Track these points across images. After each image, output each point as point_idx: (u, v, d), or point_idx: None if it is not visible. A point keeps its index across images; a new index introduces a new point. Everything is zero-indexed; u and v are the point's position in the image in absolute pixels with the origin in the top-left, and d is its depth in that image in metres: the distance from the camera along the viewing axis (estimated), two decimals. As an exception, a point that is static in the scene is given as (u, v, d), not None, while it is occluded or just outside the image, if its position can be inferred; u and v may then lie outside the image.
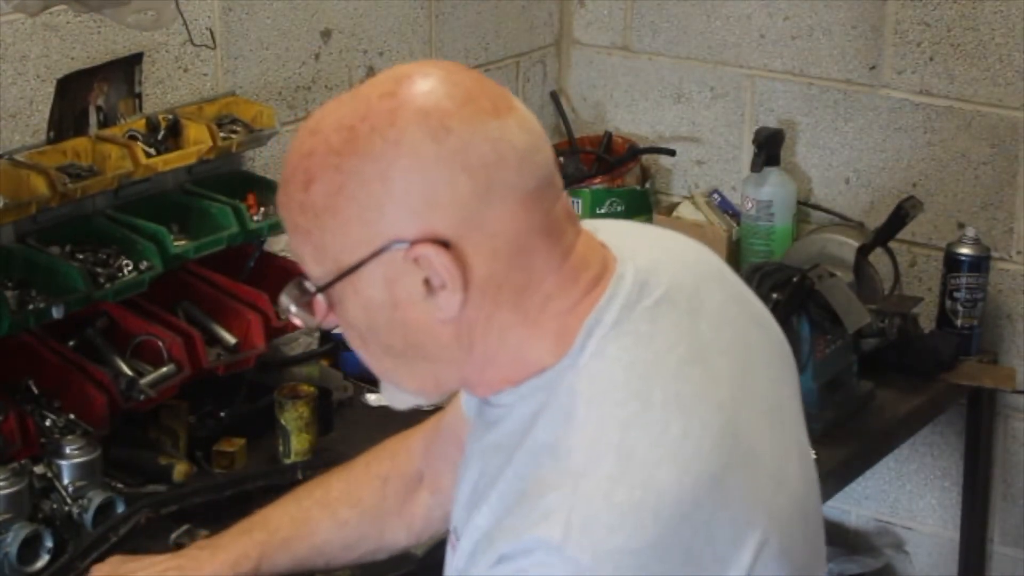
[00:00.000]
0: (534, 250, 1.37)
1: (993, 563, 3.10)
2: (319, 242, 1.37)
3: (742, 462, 1.38)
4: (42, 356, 2.33)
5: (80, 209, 2.44)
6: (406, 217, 1.33)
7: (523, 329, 1.38)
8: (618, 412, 1.34)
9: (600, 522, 1.29)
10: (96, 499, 2.14)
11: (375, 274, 1.36)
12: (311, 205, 1.36)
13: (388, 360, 1.43)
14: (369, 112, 1.34)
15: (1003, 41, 2.89)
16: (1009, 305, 2.99)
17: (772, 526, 1.38)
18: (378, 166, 1.33)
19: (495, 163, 1.34)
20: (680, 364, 1.39)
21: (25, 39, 2.38)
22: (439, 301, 1.36)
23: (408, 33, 2.99)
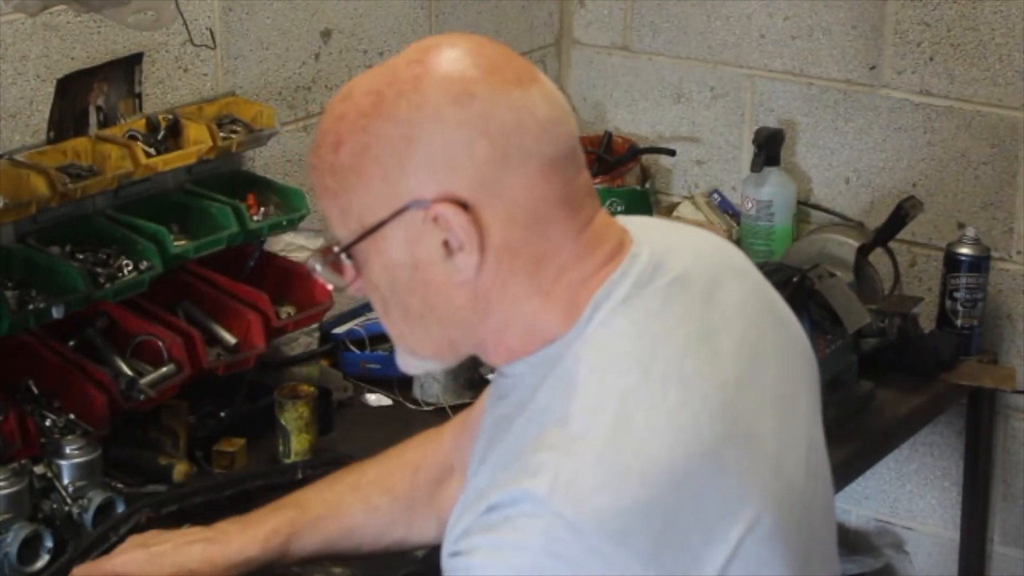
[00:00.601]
0: (551, 220, 1.41)
1: (993, 563, 3.10)
2: (346, 203, 1.42)
3: (741, 441, 1.39)
4: (42, 356, 2.33)
5: (80, 209, 2.44)
6: (427, 178, 1.37)
7: (536, 299, 1.41)
8: (619, 380, 1.37)
9: (586, 480, 1.31)
10: (96, 499, 2.14)
11: (397, 234, 1.40)
12: (339, 166, 1.41)
13: (407, 324, 1.46)
14: (396, 78, 1.39)
15: (1003, 41, 2.89)
16: (1009, 305, 2.99)
17: (767, 507, 1.39)
18: (402, 128, 1.37)
19: (515, 130, 1.38)
20: (686, 340, 1.41)
21: (25, 39, 2.38)
22: (457, 263, 1.39)
23: (408, 33, 2.99)
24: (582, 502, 1.30)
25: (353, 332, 2.76)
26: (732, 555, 1.36)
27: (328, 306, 2.63)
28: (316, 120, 2.85)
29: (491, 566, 1.32)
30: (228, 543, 1.85)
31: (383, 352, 2.73)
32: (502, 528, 1.32)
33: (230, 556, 1.84)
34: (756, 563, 1.38)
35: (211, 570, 1.83)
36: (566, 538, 1.30)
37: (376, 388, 2.69)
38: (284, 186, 2.65)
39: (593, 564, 1.30)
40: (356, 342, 2.74)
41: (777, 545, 1.40)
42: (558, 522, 1.30)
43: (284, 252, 2.69)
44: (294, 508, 1.88)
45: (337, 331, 2.77)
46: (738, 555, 1.36)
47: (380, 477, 1.89)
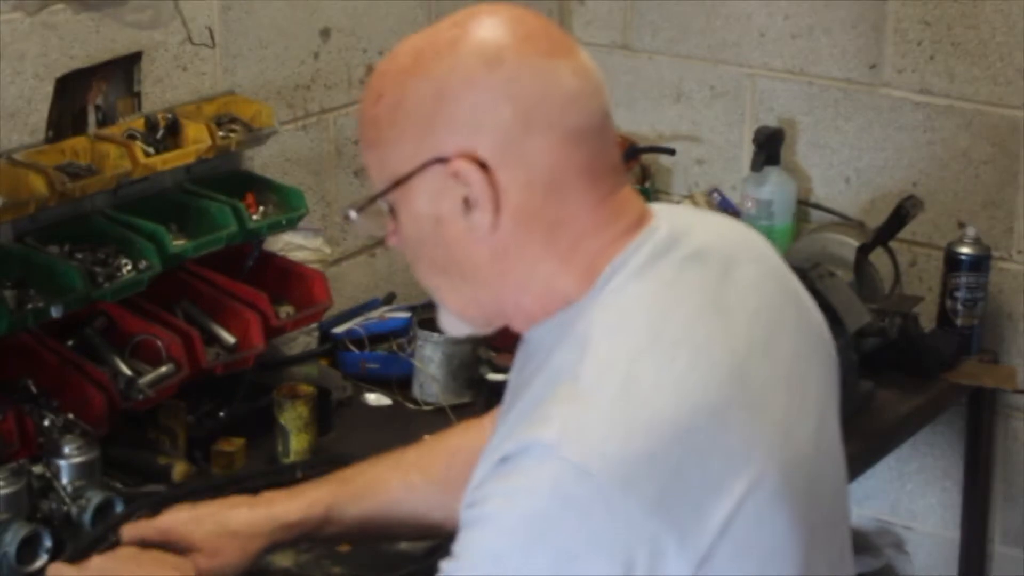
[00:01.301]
0: (570, 188, 1.46)
1: (994, 563, 3.10)
2: (382, 154, 1.50)
3: (747, 406, 1.43)
4: (40, 356, 2.33)
5: (79, 208, 2.44)
6: (451, 136, 1.44)
7: (553, 263, 1.47)
8: (630, 341, 1.41)
9: (595, 430, 1.36)
10: (95, 499, 2.14)
11: (422, 187, 1.47)
12: (378, 118, 1.49)
13: (435, 277, 1.53)
14: (437, 39, 1.48)
15: (1004, 40, 2.88)
16: (1010, 304, 2.99)
17: (771, 469, 1.42)
18: (434, 85, 1.45)
19: (539, 98, 1.43)
20: (699, 309, 1.46)
21: (24, 38, 2.38)
22: (474, 220, 1.45)
23: (407, 32, 2.95)
24: (590, 449, 1.35)
25: (352, 332, 2.76)
26: (736, 510, 1.39)
27: (327, 306, 2.63)
28: (315, 119, 2.86)
29: (503, 512, 1.37)
30: (271, 507, 1.92)
31: (382, 352, 2.73)
32: (512, 475, 1.37)
33: (272, 519, 1.92)
34: (759, 521, 1.41)
35: (251, 531, 1.91)
36: (574, 483, 1.34)
37: (375, 388, 2.68)
38: (283, 185, 2.65)
39: (599, 509, 1.34)
40: (355, 342, 2.74)
41: (782, 507, 1.43)
42: (566, 467, 1.34)
43: (283, 251, 2.69)
44: (336, 482, 1.96)
45: (336, 331, 2.77)
46: (742, 511, 1.39)
47: (420, 459, 1.95)
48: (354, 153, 2.95)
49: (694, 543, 1.37)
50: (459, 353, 2.64)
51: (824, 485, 1.53)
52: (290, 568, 2.12)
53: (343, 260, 2.95)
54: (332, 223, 2.92)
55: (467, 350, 2.65)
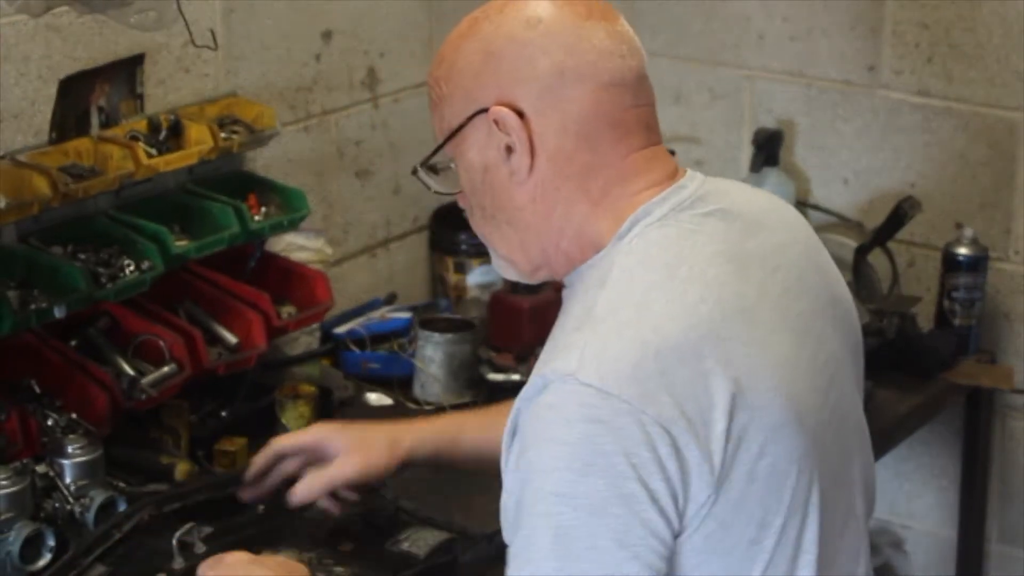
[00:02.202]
0: (600, 137, 1.59)
1: (991, 562, 3.11)
2: (442, 111, 1.65)
3: (751, 342, 1.52)
4: (44, 356, 2.34)
5: (82, 209, 2.44)
6: (494, 88, 1.60)
7: (586, 206, 1.60)
8: (645, 276, 1.53)
9: (609, 352, 1.47)
10: (98, 498, 2.15)
11: (472, 138, 1.62)
12: (438, 79, 1.65)
13: (485, 224, 1.67)
14: (489, 7, 1.64)
15: (1001, 42, 2.89)
16: (1007, 305, 3.00)
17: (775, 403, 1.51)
18: (480, 44, 1.61)
19: (573, 52, 1.58)
20: (714, 255, 1.56)
21: (28, 40, 2.39)
22: (513, 164, 1.60)
23: (408, 34, 3.00)
24: (605, 369, 1.46)
25: (354, 332, 2.77)
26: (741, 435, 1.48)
27: (328, 306, 2.64)
28: (317, 121, 2.87)
29: (546, 452, 1.46)
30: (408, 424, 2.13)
31: (384, 352, 2.74)
32: (545, 414, 1.47)
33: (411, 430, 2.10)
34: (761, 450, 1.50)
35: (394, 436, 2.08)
36: (598, 403, 1.45)
37: (377, 388, 2.69)
38: (285, 186, 2.66)
39: (627, 420, 1.44)
40: (357, 342, 2.75)
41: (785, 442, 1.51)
42: (587, 391, 1.45)
43: (285, 252, 2.70)
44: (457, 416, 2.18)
45: (338, 331, 2.78)
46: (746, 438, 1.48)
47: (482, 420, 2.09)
48: (355, 154, 2.96)
49: (711, 459, 1.46)
50: (460, 353, 2.65)
51: (832, 442, 1.58)
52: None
53: (344, 261, 2.96)
54: (333, 224, 2.93)
55: (468, 350, 2.65)
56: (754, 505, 1.49)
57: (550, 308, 2.69)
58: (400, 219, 3.07)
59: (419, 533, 2.19)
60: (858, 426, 1.67)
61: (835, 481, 1.58)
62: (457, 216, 2.89)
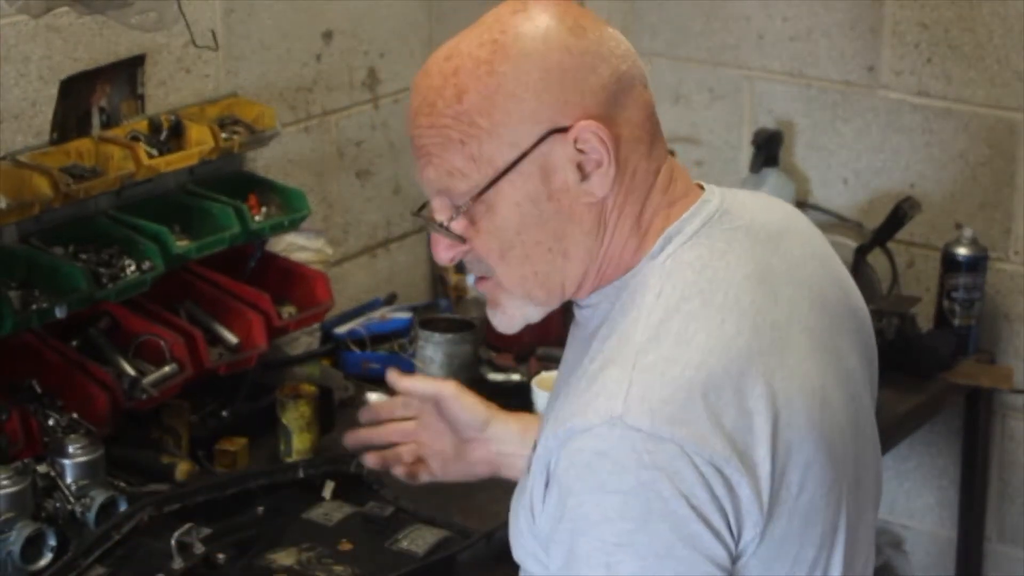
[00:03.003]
0: (652, 142, 1.53)
1: (990, 561, 3.11)
2: (475, 150, 1.47)
3: (789, 375, 1.48)
4: (45, 356, 2.34)
5: (83, 209, 2.44)
6: (562, 105, 1.47)
7: (631, 222, 1.52)
8: (683, 305, 1.47)
9: (655, 393, 1.42)
10: (99, 498, 2.15)
11: (534, 166, 1.48)
12: (466, 113, 1.47)
13: (528, 265, 1.52)
14: (507, 25, 1.49)
15: (1001, 43, 2.90)
16: (1007, 305, 3.00)
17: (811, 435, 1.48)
18: (532, 61, 1.46)
19: (621, 56, 1.50)
20: (745, 279, 1.51)
21: (28, 40, 2.39)
22: (591, 183, 1.49)
23: (408, 34, 3.00)
24: (654, 414, 1.41)
25: (354, 332, 2.77)
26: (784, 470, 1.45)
27: (329, 306, 2.64)
28: (317, 121, 2.87)
29: (600, 503, 1.41)
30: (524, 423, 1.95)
31: (384, 352, 2.74)
32: (593, 462, 1.41)
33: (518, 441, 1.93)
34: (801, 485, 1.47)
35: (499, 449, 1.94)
36: (652, 448, 1.40)
37: (377, 388, 2.69)
38: (285, 187, 2.66)
39: (682, 463, 1.40)
40: (357, 342, 2.75)
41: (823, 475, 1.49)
42: (638, 436, 1.40)
43: (285, 252, 2.70)
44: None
45: (338, 331, 2.78)
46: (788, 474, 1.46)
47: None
48: (355, 155, 2.96)
49: (760, 498, 1.43)
50: (460, 353, 2.65)
51: (853, 463, 1.57)
52: (292, 566, 2.13)
53: (345, 261, 2.97)
54: (334, 224, 2.93)
55: (468, 350, 2.66)
56: (792, 541, 1.48)
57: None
58: (400, 219, 3.07)
59: (418, 532, 2.19)
60: (873, 438, 1.65)
61: (856, 500, 1.57)
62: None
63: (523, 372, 2.71)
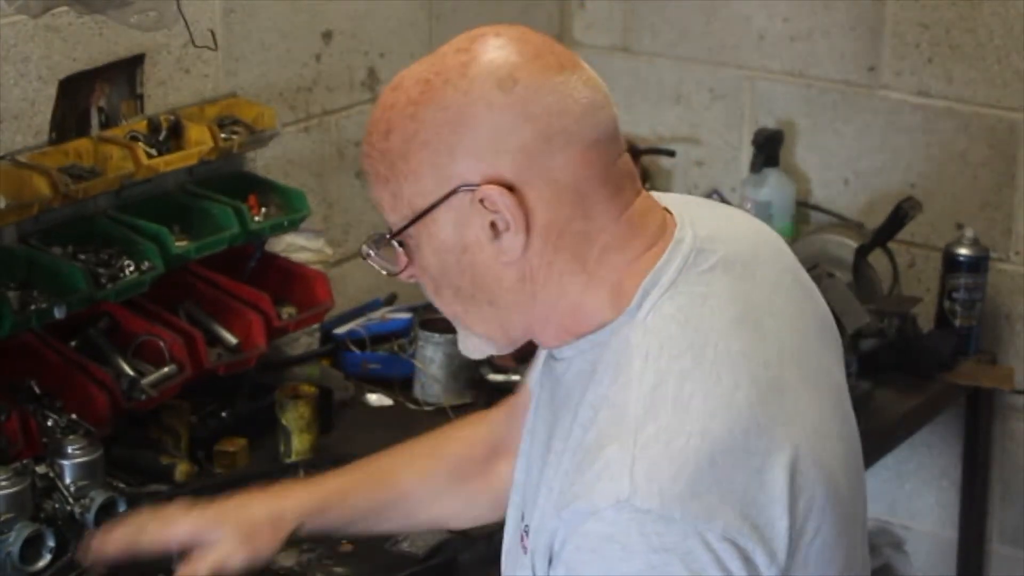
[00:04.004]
0: (594, 201, 1.45)
1: (991, 562, 3.11)
2: (396, 189, 1.47)
3: (788, 420, 1.44)
4: (44, 356, 2.34)
5: (82, 210, 2.44)
6: (474, 162, 1.43)
7: (582, 278, 1.46)
8: (673, 365, 1.41)
9: (662, 470, 1.36)
10: (98, 499, 2.15)
11: (446, 217, 1.45)
12: (389, 152, 1.46)
13: (458, 304, 1.51)
14: (444, 67, 1.45)
15: (1001, 43, 2.89)
16: (1007, 305, 3.00)
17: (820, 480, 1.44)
18: (448, 114, 1.43)
19: (557, 113, 1.43)
20: (731, 323, 1.45)
21: (27, 40, 2.39)
22: (503, 244, 1.44)
23: (408, 34, 3.00)
24: (664, 492, 1.35)
25: (354, 332, 2.77)
26: (799, 523, 1.41)
27: (329, 306, 2.64)
28: (317, 121, 2.87)
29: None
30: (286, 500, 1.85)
31: (384, 352, 2.74)
32: (601, 547, 1.37)
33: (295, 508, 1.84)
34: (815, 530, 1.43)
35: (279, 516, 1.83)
36: (662, 530, 1.35)
37: (377, 388, 2.69)
38: (285, 187, 2.66)
39: (694, 542, 1.35)
40: (357, 342, 2.75)
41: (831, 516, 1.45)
42: (647, 518, 1.35)
43: (285, 253, 2.70)
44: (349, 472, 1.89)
45: (338, 331, 2.78)
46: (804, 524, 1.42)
47: (433, 450, 1.91)
48: (355, 155, 2.95)
49: (776, 558, 1.39)
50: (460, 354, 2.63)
51: (850, 486, 1.54)
52: (292, 568, 2.13)
53: (345, 261, 2.96)
54: (334, 224, 2.93)
55: (468, 351, 2.65)
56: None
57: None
58: (400, 219, 3.06)
59: (418, 533, 2.19)
60: (859, 449, 1.61)
61: (853, 523, 1.54)
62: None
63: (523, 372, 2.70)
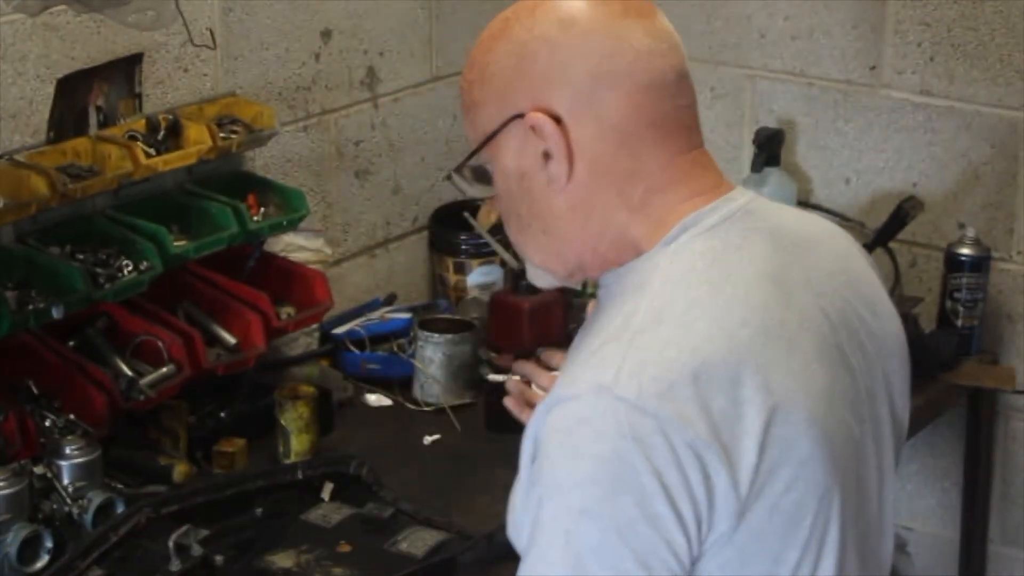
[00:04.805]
0: (640, 141, 1.53)
1: (993, 563, 3.11)
2: (474, 117, 1.58)
3: (791, 372, 1.47)
4: (42, 356, 2.33)
5: (80, 209, 2.44)
6: (529, 93, 1.53)
7: (626, 213, 1.54)
8: (689, 292, 1.48)
9: (648, 370, 1.42)
10: (96, 499, 2.15)
11: (508, 143, 1.55)
12: (471, 83, 1.59)
13: (520, 233, 1.60)
14: (521, 8, 1.58)
15: (1003, 41, 2.89)
16: (1009, 305, 2.99)
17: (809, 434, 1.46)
18: (513, 47, 1.55)
19: (609, 55, 1.51)
20: (758, 276, 1.51)
21: (25, 39, 2.39)
22: (551, 171, 1.53)
23: (408, 33, 2.99)
24: (642, 388, 1.41)
25: (353, 332, 2.77)
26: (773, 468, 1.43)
27: (328, 306, 2.64)
28: (316, 120, 2.86)
29: (575, 467, 1.42)
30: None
31: (383, 353, 2.73)
32: (574, 428, 1.43)
33: None
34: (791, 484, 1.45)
35: None
36: (634, 420, 1.40)
37: (376, 388, 2.69)
38: (284, 186, 2.66)
39: (659, 439, 1.40)
40: (356, 342, 2.75)
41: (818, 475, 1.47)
42: (622, 406, 1.41)
43: (284, 252, 2.70)
44: None
45: (337, 331, 2.77)
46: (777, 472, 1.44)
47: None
48: (355, 154, 2.95)
49: (738, 489, 1.42)
50: (459, 354, 2.64)
51: (858, 480, 1.55)
52: (291, 568, 2.12)
53: (344, 261, 2.96)
54: (333, 224, 2.93)
55: (468, 351, 2.65)
56: (773, 538, 1.46)
57: (550, 308, 2.71)
58: (400, 219, 3.06)
59: (417, 533, 2.19)
60: (892, 465, 1.65)
61: (856, 518, 1.55)
62: (457, 217, 2.90)
63: (523, 373, 2.70)
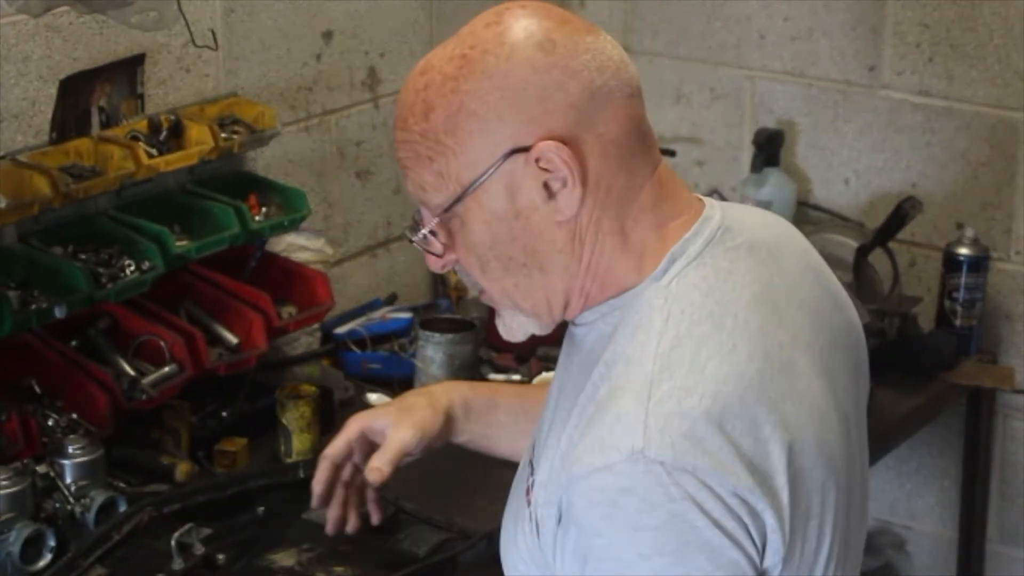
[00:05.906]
0: (633, 154, 1.49)
1: (991, 562, 3.11)
2: (442, 167, 1.48)
3: (798, 399, 1.47)
4: (44, 356, 2.34)
5: (82, 209, 2.44)
6: (525, 124, 1.45)
7: (618, 240, 1.50)
8: (693, 330, 1.45)
9: (674, 424, 1.39)
10: (98, 498, 2.15)
11: (498, 185, 1.47)
12: (432, 131, 1.47)
13: (508, 278, 1.52)
14: (477, 40, 1.48)
15: (1002, 42, 2.89)
16: (1008, 305, 3.00)
17: (819, 461, 1.47)
18: (495, 81, 1.45)
19: (598, 69, 1.47)
20: (751, 301, 1.49)
21: (28, 40, 2.39)
22: (559, 202, 1.47)
23: (409, 34, 3.00)
24: (675, 446, 1.38)
25: (354, 332, 2.77)
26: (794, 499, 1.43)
27: (329, 306, 2.64)
28: (317, 121, 2.87)
29: (631, 541, 1.39)
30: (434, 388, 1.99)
31: (384, 352, 2.74)
32: (619, 500, 1.39)
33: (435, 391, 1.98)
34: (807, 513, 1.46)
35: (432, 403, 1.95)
36: (677, 480, 1.38)
37: (377, 388, 2.69)
38: (286, 186, 2.66)
39: (706, 494, 1.38)
40: (357, 342, 2.75)
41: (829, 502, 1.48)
42: (662, 469, 1.38)
43: (285, 252, 2.70)
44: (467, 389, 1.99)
45: (338, 331, 2.78)
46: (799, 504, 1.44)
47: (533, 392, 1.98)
48: (356, 154, 2.96)
49: (783, 527, 1.42)
50: (460, 354, 2.65)
51: (851, 485, 1.56)
52: (292, 567, 2.13)
53: (345, 261, 2.96)
54: (334, 224, 2.93)
55: (468, 351, 2.65)
56: (805, 567, 1.47)
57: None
58: (400, 219, 3.06)
59: (419, 532, 2.19)
60: (862, 459, 1.64)
61: (850, 524, 1.56)
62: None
63: (524, 372, 2.70)
